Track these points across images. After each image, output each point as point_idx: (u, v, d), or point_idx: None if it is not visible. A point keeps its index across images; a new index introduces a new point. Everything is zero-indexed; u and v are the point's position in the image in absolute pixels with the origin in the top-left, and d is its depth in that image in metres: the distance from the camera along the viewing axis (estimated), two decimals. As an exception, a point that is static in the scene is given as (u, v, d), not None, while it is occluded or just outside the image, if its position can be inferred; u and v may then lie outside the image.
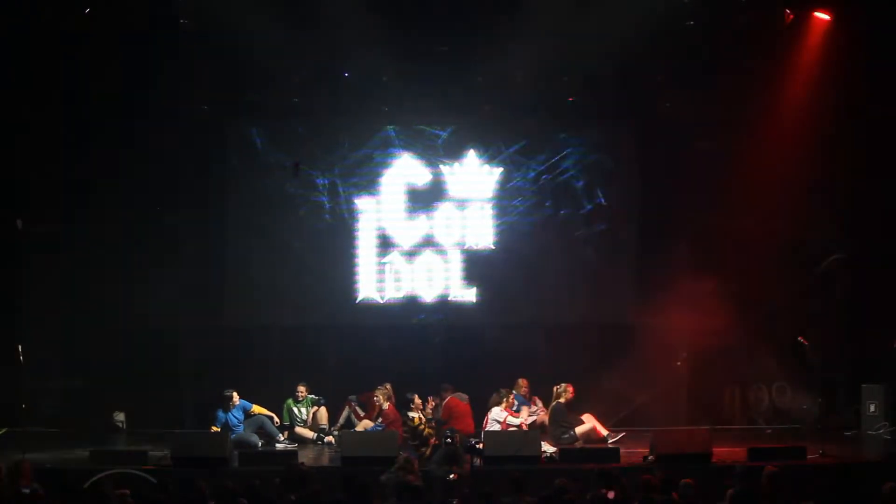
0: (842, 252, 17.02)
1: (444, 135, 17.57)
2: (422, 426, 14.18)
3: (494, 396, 15.43)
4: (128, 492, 9.73)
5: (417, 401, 14.57)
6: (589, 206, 17.60)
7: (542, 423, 15.54)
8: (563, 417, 15.16)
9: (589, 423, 15.14)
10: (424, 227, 17.54)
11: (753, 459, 13.03)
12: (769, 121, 16.88)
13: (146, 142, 16.59)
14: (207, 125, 17.21)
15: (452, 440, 12.80)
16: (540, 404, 15.91)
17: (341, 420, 16.04)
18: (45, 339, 16.43)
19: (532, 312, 17.25)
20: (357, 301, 17.46)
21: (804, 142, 16.75)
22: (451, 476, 10.83)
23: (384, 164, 17.58)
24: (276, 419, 15.57)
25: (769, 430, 16.71)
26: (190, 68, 16.47)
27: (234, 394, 15.27)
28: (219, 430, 14.86)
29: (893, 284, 16.58)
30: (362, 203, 17.56)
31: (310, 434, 15.76)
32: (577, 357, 16.59)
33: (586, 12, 15.77)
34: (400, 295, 17.47)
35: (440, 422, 14.81)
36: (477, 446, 13.14)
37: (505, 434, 14.59)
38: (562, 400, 15.38)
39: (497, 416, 15.08)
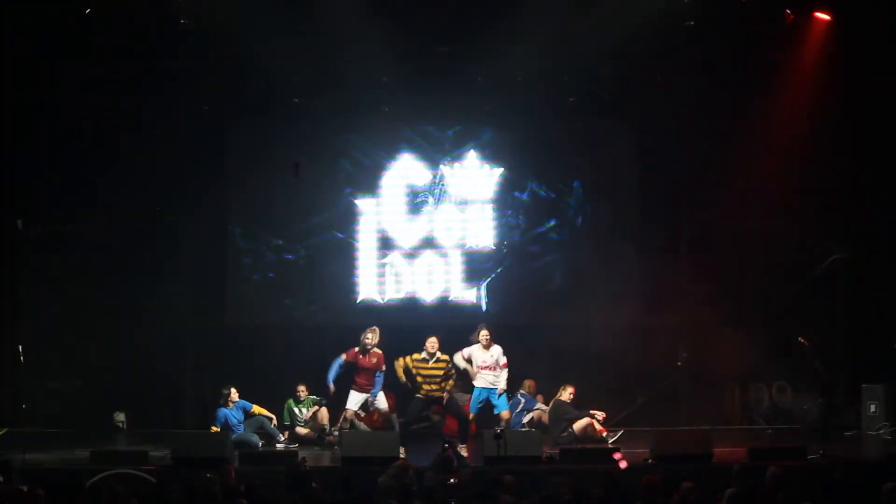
0: (842, 252, 17.02)
1: (445, 135, 17.58)
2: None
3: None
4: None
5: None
6: (588, 206, 17.59)
7: (542, 422, 15.57)
8: (564, 414, 15.17)
9: (586, 419, 15.13)
10: (425, 228, 17.55)
11: (753, 459, 13.01)
12: (769, 120, 16.90)
13: (146, 141, 16.58)
14: (207, 125, 17.22)
15: (449, 445, 12.80)
16: (541, 399, 15.98)
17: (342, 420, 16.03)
18: (45, 339, 16.45)
19: (533, 313, 17.22)
20: (357, 301, 17.46)
21: (804, 141, 16.78)
22: (451, 480, 10.86)
23: (384, 165, 17.58)
24: (276, 420, 15.55)
25: (769, 430, 16.71)
26: (190, 68, 16.49)
27: (233, 390, 15.25)
28: (219, 430, 14.86)
29: (893, 284, 16.58)
30: (362, 203, 17.56)
31: (310, 434, 15.76)
32: (577, 357, 16.57)
33: (586, 12, 15.77)
34: (400, 295, 17.48)
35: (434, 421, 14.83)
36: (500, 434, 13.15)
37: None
38: (561, 398, 15.40)
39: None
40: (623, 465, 11.89)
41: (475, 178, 17.59)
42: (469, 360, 14.91)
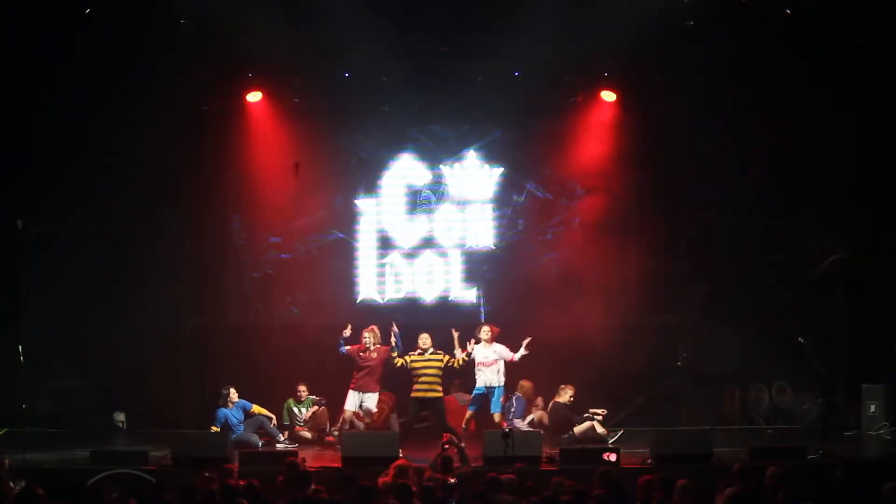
0: (842, 252, 17.02)
1: (445, 135, 17.57)
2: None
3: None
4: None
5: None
6: (587, 206, 17.59)
7: (542, 423, 15.57)
8: (565, 419, 15.17)
9: (588, 422, 15.15)
10: (425, 228, 17.55)
11: (753, 459, 13.02)
12: (765, 119, 16.91)
13: (146, 141, 16.60)
14: (207, 124, 17.22)
15: (449, 445, 12.79)
16: (541, 404, 15.97)
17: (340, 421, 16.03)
18: (45, 339, 16.44)
19: (531, 313, 17.20)
20: (357, 301, 17.47)
21: (802, 141, 16.79)
22: (451, 480, 10.86)
23: (384, 165, 17.58)
24: (276, 420, 15.56)
25: (769, 430, 16.71)
26: (190, 68, 16.48)
27: (232, 390, 15.26)
28: (219, 430, 14.86)
29: (893, 284, 16.58)
30: (362, 203, 17.57)
31: (310, 434, 15.77)
32: (577, 357, 16.57)
33: (586, 12, 15.76)
34: (400, 295, 17.48)
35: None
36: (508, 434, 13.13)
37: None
38: (561, 400, 15.41)
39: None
40: (612, 457, 11.93)
41: (475, 178, 17.59)
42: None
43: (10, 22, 15.98)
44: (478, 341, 14.99)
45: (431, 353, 14.73)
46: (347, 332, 15.14)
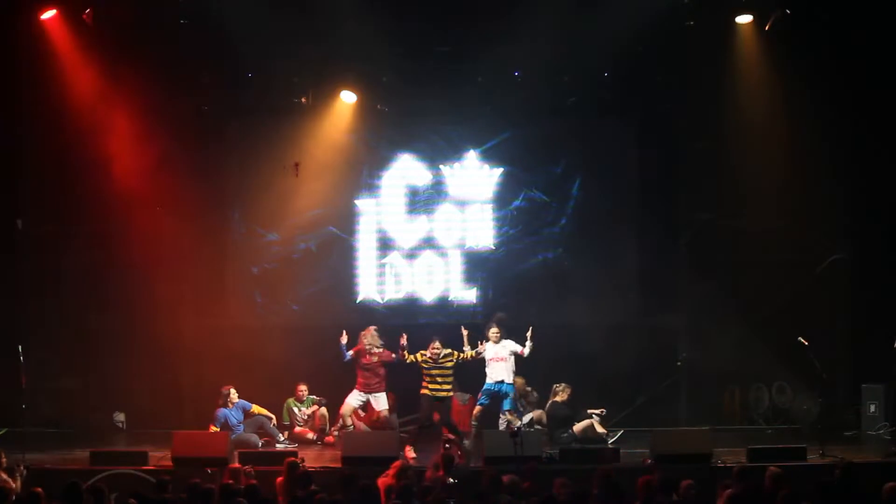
0: (842, 252, 17.01)
1: (450, 134, 17.57)
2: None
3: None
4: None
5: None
6: (587, 206, 17.58)
7: (541, 422, 15.57)
8: (563, 419, 15.17)
9: (587, 420, 15.15)
10: (424, 228, 17.55)
11: (753, 459, 13.03)
12: (765, 119, 16.91)
13: (146, 140, 16.59)
14: (207, 125, 17.22)
15: (449, 446, 12.79)
16: (535, 398, 16.00)
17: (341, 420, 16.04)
18: (45, 339, 16.44)
19: (530, 313, 17.19)
20: (357, 301, 17.47)
21: (802, 141, 16.78)
22: (450, 480, 10.88)
23: (383, 165, 17.58)
24: (275, 420, 15.57)
25: (769, 430, 16.71)
26: (190, 68, 16.48)
27: (232, 390, 15.27)
28: (219, 430, 14.86)
29: (893, 284, 16.57)
30: (362, 203, 17.57)
31: (310, 434, 15.77)
32: (577, 357, 16.57)
33: (586, 12, 15.76)
34: (400, 295, 17.48)
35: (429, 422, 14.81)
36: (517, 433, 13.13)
37: (504, 434, 14.55)
38: (558, 399, 15.41)
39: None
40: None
41: (475, 179, 17.59)
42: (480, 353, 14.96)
43: (9, 21, 15.97)
44: (487, 339, 14.99)
45: (442, 358, 14.73)
46: (344, 339, 15.15)
